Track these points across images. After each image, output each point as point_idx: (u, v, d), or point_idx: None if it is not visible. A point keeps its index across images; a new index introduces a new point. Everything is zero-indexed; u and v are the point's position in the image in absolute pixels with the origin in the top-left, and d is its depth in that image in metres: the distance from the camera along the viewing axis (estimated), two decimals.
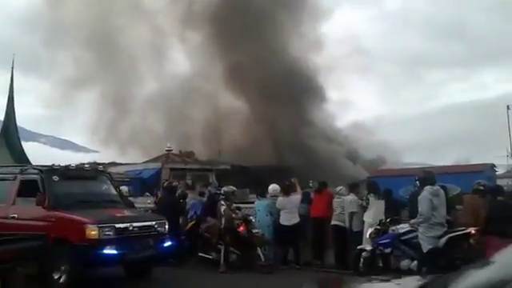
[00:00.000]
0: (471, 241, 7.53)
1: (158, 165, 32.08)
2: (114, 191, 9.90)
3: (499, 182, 20.49)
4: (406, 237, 8.18)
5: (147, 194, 20.14)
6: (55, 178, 8.82)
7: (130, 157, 39.72)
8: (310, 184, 16.75)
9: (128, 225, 8.22)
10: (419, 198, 7.58)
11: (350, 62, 71.60)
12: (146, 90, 44.42)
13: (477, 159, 31.24)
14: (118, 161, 38.49)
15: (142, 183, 27.76)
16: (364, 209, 9.53)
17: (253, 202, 12.08)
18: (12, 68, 46.81)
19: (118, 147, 43.12)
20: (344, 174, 28.78)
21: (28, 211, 8.52)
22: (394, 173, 24.43)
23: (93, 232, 7.76)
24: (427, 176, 7.90)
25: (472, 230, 7.55)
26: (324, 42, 43.85)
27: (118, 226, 8.05)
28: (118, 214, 8.59)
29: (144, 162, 34.96)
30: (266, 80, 38.87)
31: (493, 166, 26.22)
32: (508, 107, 24.74)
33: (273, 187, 11.09)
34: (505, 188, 9.80)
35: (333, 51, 47.21)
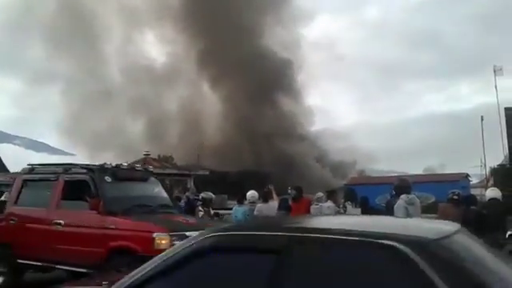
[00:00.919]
0: None
1: None
2: (165, 195, 8.83)
3: (473, 191, 20.92)
4: None
5: None
6: (107, 178, 7.79)
7: (107, 160, 39.23)
8: (289, 191, 16.80)
9: (189, 233, 6.92)
10: (395, 206, 7.66)
11: (327, 67, 72.51)
12: (123, 90, 43.96)
13: (451, 169, 31.85)
14: (94, 164, 38.04)
15: None
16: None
17: (231, 209, 12.05)
18: None
19: (93, 150, 42.58)
20: (316, 180, 29.03)
21: (78, 217, 7.47)
22: (371, 181, 24.72)
23: (163, 241, 6.72)
24: (403, 184, 7.99)
25: None
26: (302, 46, 44.21)
27: (188, 234, 6.71)
28: (184, 221, 7.73)
29: None
30: (243, 82, 39.01)
31: (467, 175, 26.76)
32: (482, 118, 25.28)
33: (251, 194, 11.07)
34: (478, 198, 10.01)
35: (310, 57, 47.32)
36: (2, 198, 11.11)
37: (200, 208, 10.60)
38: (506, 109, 20.10)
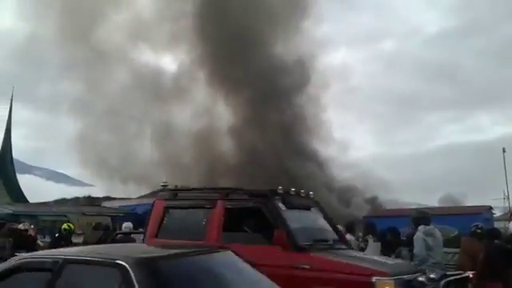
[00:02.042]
0: (469, 286, 7.41)
1: (152, 200, 31.81)
2: (329, 226, 7.32)
3: (496, 224, 20.36)
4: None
5: (141, 229, 19.84)
6: (281, 205, 6.51)
7: (125, 191, 39.53)
8: None
9: (412, 277, 5.83)
10: (414, 238, 7.50)
11: (343, 99, 72.69)
12: (144, 127, 44.66)
13: (473, 201, 31.18)
14: (112, 195, 38.29)
15: (136, 218, 27.49)
16: (362, 250, 9.40)
17: None
18: (11, 100, 46.95)
19: (112, 182, 42.91)
20: (338, 214, 28.63)
21: (252, 252, 5.78)
22: (390, 213, 24.27)
23: None
24: (420, 216, 7.86)
25: (470, 274, 7.44)
26: (319, 79, 44.39)
27: (406, 278, 5.68)
28: (390, 262, 6.55)
29: (139, 198, 34.70)
30: (260, 114, 39.27)
31: (490, 208, 26.13)
32: (504, 150, 24.89)
33: None
34: (502, 231, 9.74)
35: (328, 88, 47.49)
36: (20, 226, 11.24)
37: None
38: None
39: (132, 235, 11.92)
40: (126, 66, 44.46)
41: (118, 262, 3.48)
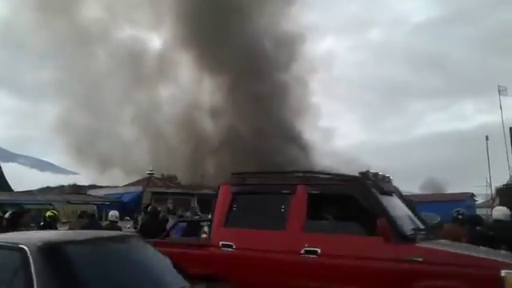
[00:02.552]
0: None
1: (139, 188, 31.77)
2: (414, 214, 6.50)
3: (478, 211, 20.74)
4: None
5: (127, 218, 19.84)
6: (374, 191, 5.76)
7: (111, 179, 39.28)
8: None
9: None
10: None
11: (331, 87, 72.84)
12: (128, 110, 44.09)
13: (456, 188, 31.67)
14: (98, 183, 38.04)
15: (122, 207, 27.47)
16: None
17: None
18: None
19: (98, 169, 42.56)
20: None
21: (347, 244, 5.40)
22: None
23: None
24: (406, 204, 7.95)
25: None
26: (307, 67, 44.28)
27: None
28: (504, 253, 5.80)
29: (125, 186, 34.57)
30: (243, 94, 39.12)
31: (472, 195, 26.56)
32: (487, 137, 25.23)
33: None
34: (484, 218, 9.91)
35: (316, 76, 47.38)
36: (6, 216, 11.11)
37: (205, 229, 10.47)
38: (511, 128, 20.07)
39: (118, 223, 11.88)
40: (109, 47, 43.75)
41: (20, 245, 3.66)
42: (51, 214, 11.11)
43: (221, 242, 6.01)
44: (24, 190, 35.15)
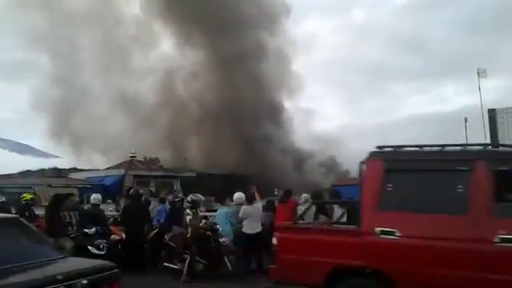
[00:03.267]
0: None
1: (120, 171, 31.56)
2: None
3: None
4: None
5: (109, 201, 19.76)
6: None
7: (92, 163, 38.88)
8: (275, 192, 16.87)
9: None
10: None
11: (312, 69, 72.67)
12: (109, 89, 43.19)
13: None
14: (79, 167, 37.63)
15: (103, 190, 27.33)
16: (329, 217, 9.63)
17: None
18: None
19: (76, 151, 41.96)
20: (308, 182, 29.08)
21: None
22: (356, 181, 24.75)
23: None
24: None
25: None
26: (288, 48, 43.90)
27: None
28: None
29: (106, 169, 34.31)
30: (227, 85, 38.77)
31: None
32: (466, 120, 25.65)
33: (238, 195, 11.09)
34: None
35: (296, 57, 46.93)
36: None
37: (188, 211, 10.55)
38: (489, 110, 20.39)
39: (100, 206, 11.83)
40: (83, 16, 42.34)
41: None
42: (28, 196, 11.10)
43: (377, 229, 5.10)
44: (4, 173, 34.61)
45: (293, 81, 42.85)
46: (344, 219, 7.87)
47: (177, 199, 11.68)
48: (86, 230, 10.15)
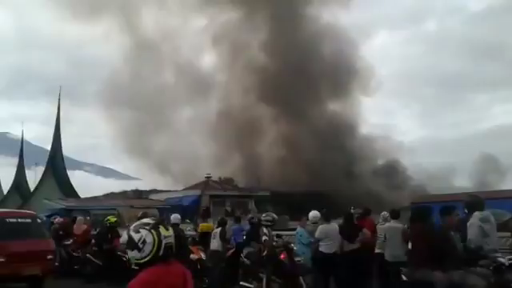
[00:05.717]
0: None
1: (197, 192, 32.37)
2: None
3: None
4: None
5: (187, 220, 20.25)
6: None
7: (170, 184, 40.30)
8: (352, 210, 16.40)
9: None
10: (468, 224, 7.22)
11: (389, 83, 71.13)
12: (184, 115, 45.09)
13: None
14: (158, 188, 39.15)
15: (182, 210, 28.13)
16: None
17: (293, 229, 11.95)
18: (59, 99, 48.61)
19: (156, 174, 43.79)
20: (385, 201, 28.10)
21: None
22: (438, 198, 23.60)
23: None
24: (474, 201, 7.52)
25: None
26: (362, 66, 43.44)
27: None
28: None
29: (184, 189, 35.35)
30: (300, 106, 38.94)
31: None
32: None
33: (313, 214, 10.89)
34: None
35: (372, 73, 46.26)
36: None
37: (265, 230, 10.38)
38: None
39: (180, 226, 12.13)
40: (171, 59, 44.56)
41: None
42: (111, 219, 12.14)
43: None
44: (90, 196, 36.79)
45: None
46: None
47: (253, 219, 11.67)
48: None
